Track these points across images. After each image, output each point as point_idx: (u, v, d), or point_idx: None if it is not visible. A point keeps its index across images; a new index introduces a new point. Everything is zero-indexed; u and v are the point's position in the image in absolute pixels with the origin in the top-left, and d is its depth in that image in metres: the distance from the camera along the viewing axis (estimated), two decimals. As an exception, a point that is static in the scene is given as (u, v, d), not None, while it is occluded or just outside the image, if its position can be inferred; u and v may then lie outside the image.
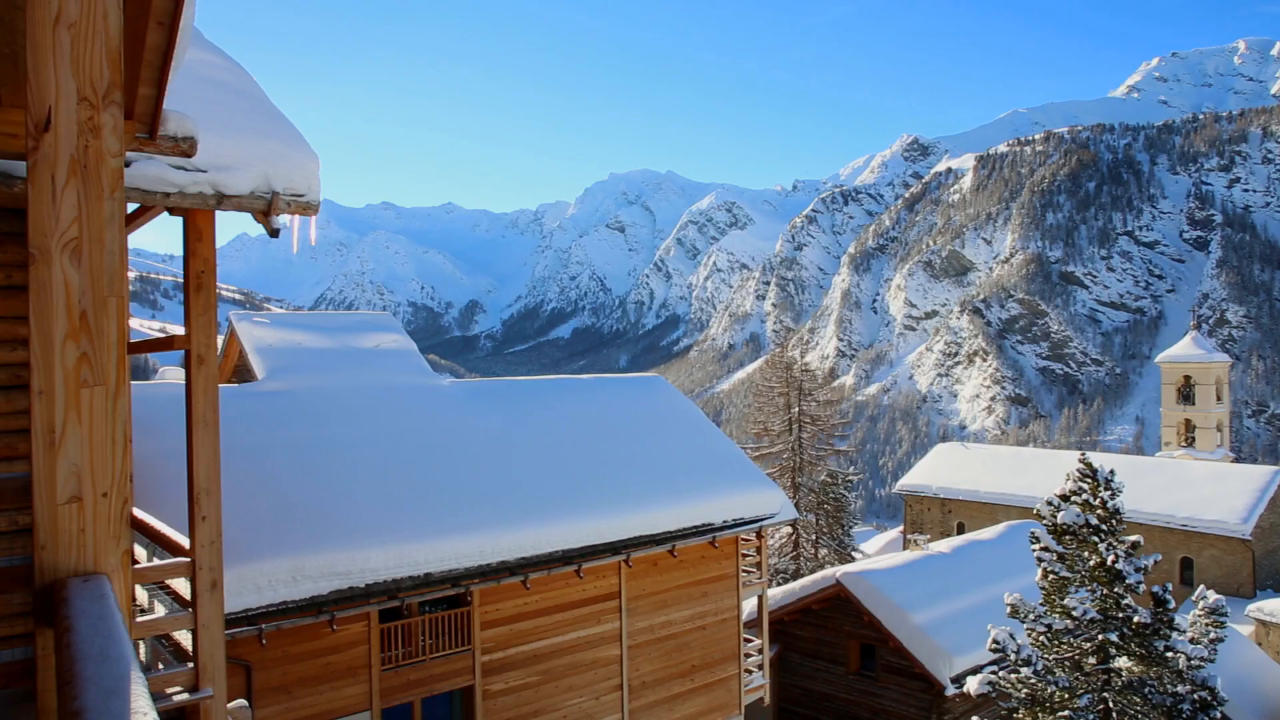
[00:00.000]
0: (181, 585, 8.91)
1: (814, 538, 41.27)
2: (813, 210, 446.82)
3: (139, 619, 6.07)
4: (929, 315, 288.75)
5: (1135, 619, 15.47)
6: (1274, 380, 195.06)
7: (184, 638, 9.61)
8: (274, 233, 5.87)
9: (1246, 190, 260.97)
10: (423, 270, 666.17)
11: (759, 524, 19.72)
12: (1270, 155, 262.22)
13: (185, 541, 5.96)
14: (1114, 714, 15.84)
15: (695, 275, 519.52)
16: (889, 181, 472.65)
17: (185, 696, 5.66)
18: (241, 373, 20.04)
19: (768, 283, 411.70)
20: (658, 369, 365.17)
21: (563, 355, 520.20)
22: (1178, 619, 15.72)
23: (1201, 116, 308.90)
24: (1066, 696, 15.73)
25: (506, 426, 18.20)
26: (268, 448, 14.85)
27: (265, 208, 5.67)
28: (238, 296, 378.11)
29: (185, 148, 4.70)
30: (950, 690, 21.96)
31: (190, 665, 5.76)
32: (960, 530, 51.30)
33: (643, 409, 21.20)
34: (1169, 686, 15.65)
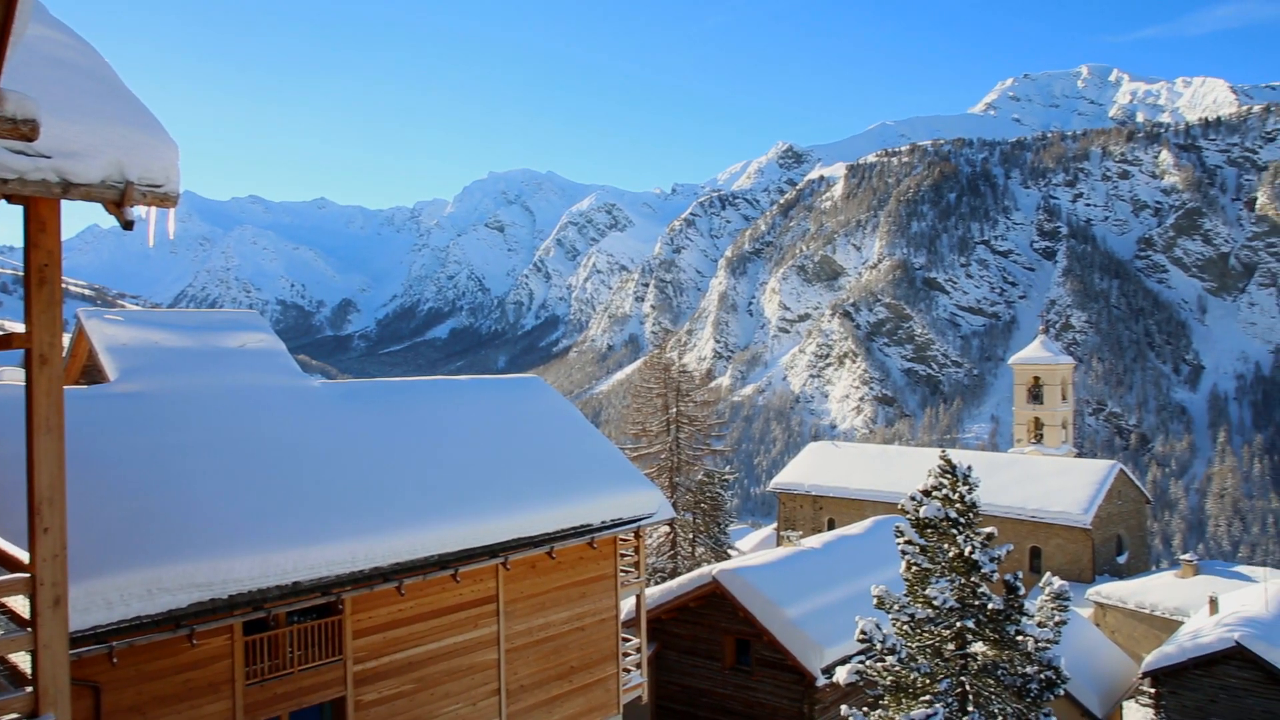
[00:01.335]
0: (20, 603, 8.28)
1: (691, 536, 41.88)
2: (691, 214, 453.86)
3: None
4: (802, 318, 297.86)
5: (990, 606, 16.37)
6: (1111, 381, 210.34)
7: (23, 659, 8.93)
8: (128, 225, 5.52)
9: (1089, 205, 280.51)
10: (293, 267, 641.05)
11: (637, 524, 19.88)
12: (1109, 173, 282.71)
13: (24, 556, 5.54)
14: (970, 696, 16.74)
15: (575, 276, 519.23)
16: (765, 187, 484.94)
17: (24, 722, 5.27)
18: (91, 374, 18.80)
19: (646, 284, 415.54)
20: (537, 370, 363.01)
21: (440, 356, 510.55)
22: (1027, 604, 16.74)
23: (1049, 135, 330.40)
24: (928, 682, 16.50)
25: (381, 429, 17.71)
26: (120, 453, 13.97)
27: (118, 198, 5.33)
28: (87, 292, 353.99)
29: (26, 130, 4.38)
30: (821, 681, 22.69)
31: (29, 689, 5.36)
32: (831, 526, 53.10)
33: (521, 410, 21.04)
34: (1019, 668, 16.64)
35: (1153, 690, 27.80)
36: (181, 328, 19.05)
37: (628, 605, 24.54)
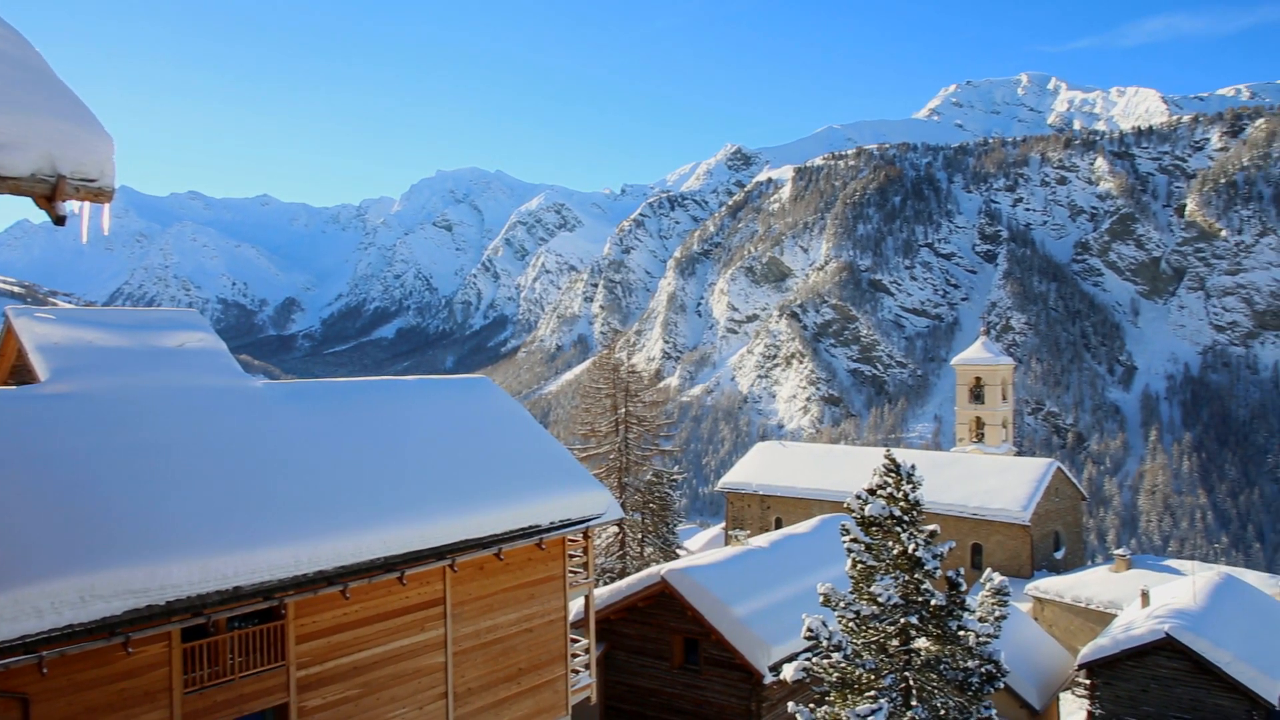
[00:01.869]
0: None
1: (640, 536, 41.94)
2: (640, 214, 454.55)
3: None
4: (750, 319, 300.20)
5: (933, 602, 16.68)
6: (1049, 381, 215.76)
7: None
8: (60, 220, 5.35)
9: (1028, 210, 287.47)
10: (234, 265, 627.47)
11: (586, 524, 19.85)
12: (1047, 179, 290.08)
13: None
14: (914, 691, 17.03)
15: (524, 276, 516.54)
16: (713, 189, 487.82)
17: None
18: (21, 374, 18.17)
19: (595, 285, 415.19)
20: (485, 370, 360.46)
21: (386, 356, 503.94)
22: (968, 600, 17.08)
23: (991, 141, 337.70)
24: (873, 677, 16.75)
25: (325, 430, 17.42)
26: (51, 456, 13.54)
27: (49, 192, 5.16)
28: (17, 290, 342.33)
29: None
30: (769, 679, 22.89)
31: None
32: (778, 525, 53.61)
33: (469, 411, 20.86)
34: (961, 662, 16.98)
35: (1088, 682, 28.58)
36: (117, 326, 18.50)
37: (576, 606, 24.49)
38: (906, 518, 16.85)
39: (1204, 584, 30.18)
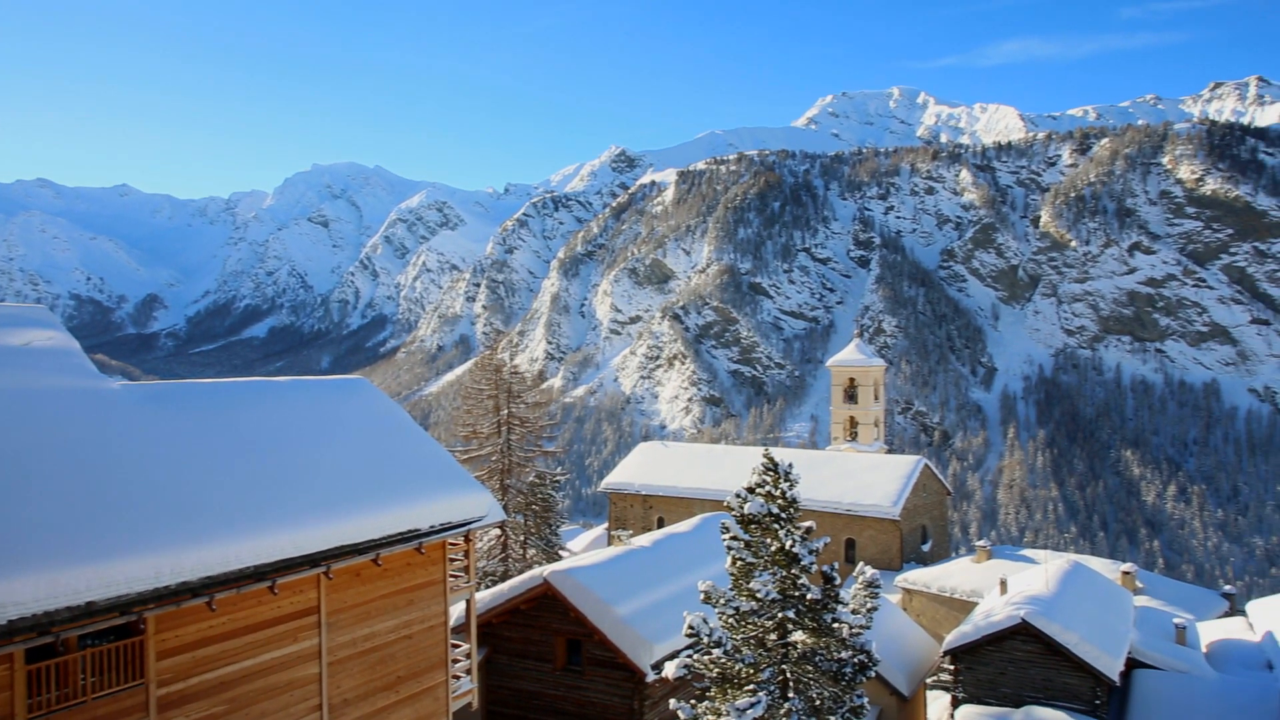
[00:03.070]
0: None
1: (523, 538, 41.64)
2: (524, 214, 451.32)
3: None
4: (633, 320, 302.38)
5: (809, 596, 17.19)
6: (918, 382, 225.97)
7: None
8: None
9: (899, 218, 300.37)
10: (89, 259, 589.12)
11: (466, 527, 19.56)
12: (916, 188, 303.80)
13: None
14: (791, 683, 17.53)
15: (404, 275, 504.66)
16: (598, 190, 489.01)
17: None
18: None
19: (478, 284, 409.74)
20: (363, 371, 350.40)
21: (257, 356, 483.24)
22: (842, 593, 17.69)
23: (864, 151, 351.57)
24: (752, 672, 17.14)
25: (190, 434, 16.53)
26: (-126, 465, 12.39)
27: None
28: None
29: None
30: (651, 677, 23.10)
31: None
32: (661, 524, 54.17)
33: (345, 413, 20.22)
34: (835, 653, 17.57)
35: (952, 667, 30.06)
36: (-48, 324, 17.07)
37: (457, 610, 24.13)
38: (784, 515, 17.31)
39: (1055, 571, 32.17)
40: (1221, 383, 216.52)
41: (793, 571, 17.11)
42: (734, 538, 17.48)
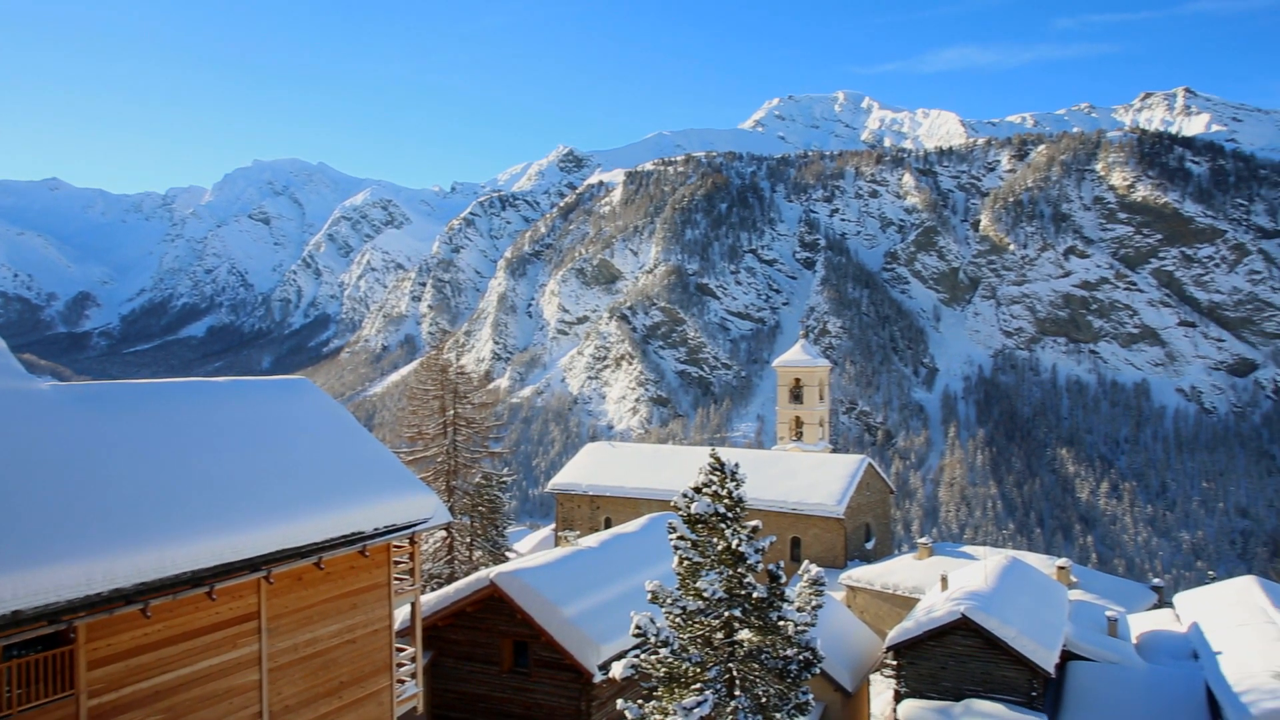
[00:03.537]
0: None
1: (469, 540, 41.28)
2: (471, 213, 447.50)
3: None
4: (581, 320, 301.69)
5: (755, 595, 17.35)
6: (862, 382, 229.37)
7: None
8: None
9: (844, 220, 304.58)
10: (16, 255, 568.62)
11: (411, 529, 19.34)
12: (861, 191, 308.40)
13: None
14: (737, 681, 17.67)
15: (348, 274, 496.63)
16: (545, 190, 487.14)
17: None
18: None
19: (424, 284, 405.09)
20: (305, 371, 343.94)
21: (196, 356, 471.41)
22: (788, 591, 17.88)
23: (810, 154, 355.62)
24: (699, 670, 17.24)
25: (124, 436, 16.06)
26: None
27: None
28: None
29: None
30: (598, 677, 23.08)
31: None
32: (608, 525, 54.13)
33: (286, 414, 19.83)
34: (781, 651, 17.76)
35: (895, 662, 30.59)
36: None
37: (402, 614, 23.82)
38: (730, 514, 17.44)
39: (994, 567, 32.93)
40: (1151, 383, 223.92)
41: (739, 570, 17.25)
42: (681, 537, 17.57)
